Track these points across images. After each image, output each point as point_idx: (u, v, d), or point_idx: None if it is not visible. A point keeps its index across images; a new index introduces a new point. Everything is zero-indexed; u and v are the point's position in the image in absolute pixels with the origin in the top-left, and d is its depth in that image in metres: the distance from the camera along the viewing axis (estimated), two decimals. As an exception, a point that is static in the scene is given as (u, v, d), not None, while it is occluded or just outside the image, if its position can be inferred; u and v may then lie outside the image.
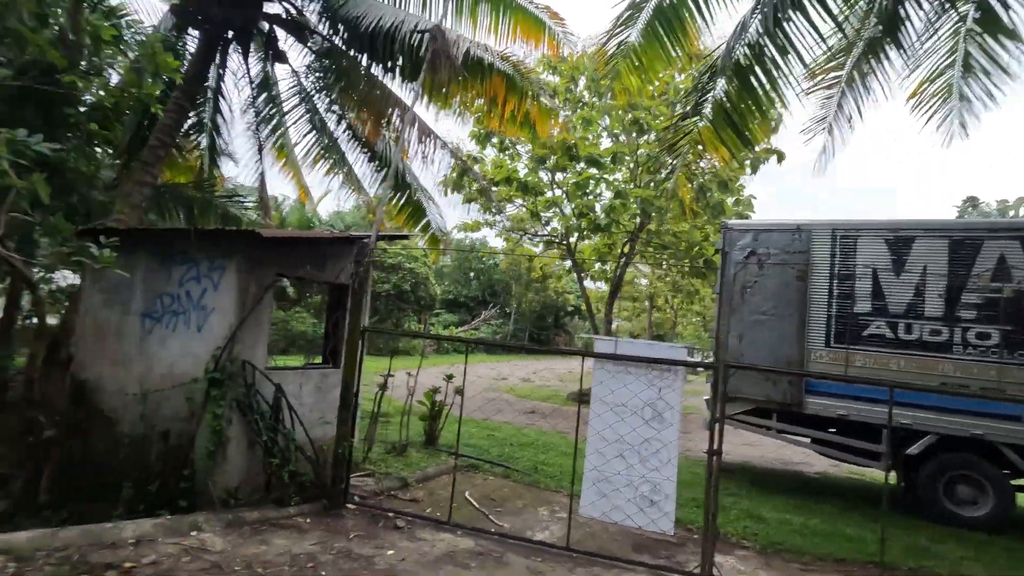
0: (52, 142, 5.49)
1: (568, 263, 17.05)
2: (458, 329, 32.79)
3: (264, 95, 10.22)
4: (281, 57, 9.26)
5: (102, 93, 4.89)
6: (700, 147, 6.99)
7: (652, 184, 12.80)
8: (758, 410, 7.16)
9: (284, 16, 8.66)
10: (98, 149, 8.93)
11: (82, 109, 6.30)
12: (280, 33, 8.95)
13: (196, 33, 8.47)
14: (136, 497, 4.45)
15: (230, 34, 8.35)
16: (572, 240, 15.77)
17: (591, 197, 14.07)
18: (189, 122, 9.58)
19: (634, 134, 13.19)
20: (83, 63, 6.22)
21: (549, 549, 4.40)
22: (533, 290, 34.83)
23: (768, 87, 6.04)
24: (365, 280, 4.97)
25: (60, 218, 4.19)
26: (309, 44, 9.10)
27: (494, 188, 14.33)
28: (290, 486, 4.67)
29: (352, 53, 8.67)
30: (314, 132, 9.91)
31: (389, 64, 8.30)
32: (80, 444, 4.99)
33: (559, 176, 14.45)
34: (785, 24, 5.53)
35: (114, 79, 6.73)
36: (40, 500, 5.02)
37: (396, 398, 7.99)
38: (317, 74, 9.58)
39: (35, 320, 6.59)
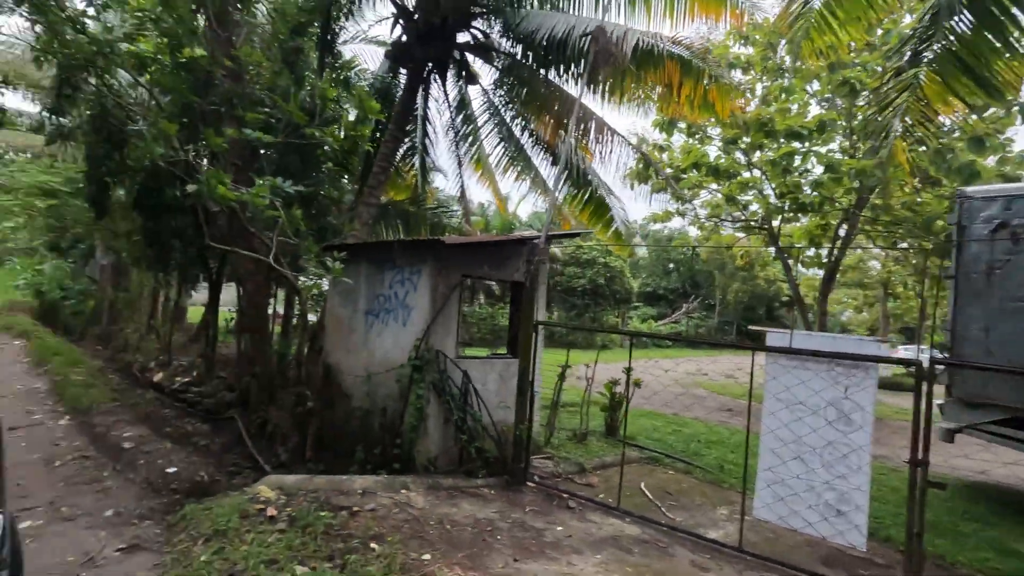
0: (308, 180, 7.10)
1: (772, 249, 15.46)
2: (657, 323, 32.02)
3: (461, 115, 11.50)
4: (472, 79, 10.34)
5: (332, 139, 6.16)
6: (922, 103, 5.90)
7: (877, 152, 10.91)
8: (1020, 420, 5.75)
9: (472, 42, 9.66)
10: (344, 180, 11.13)
11: (327, 149, 7.99)
12: (470, 57, 10.01)
13: (404, 71, 9.98)
14: (365, 458, 5.57)
15: (429, 66, 9.65)
16: (775, 223, 14.28)
17: (796, 174, 12.58)
18: (405, 147, 11.35)
19: (847, 96, 11.40)
20: (329, 112, 7.87)
21: (720, 548, 4.27)
22: (739, 279, 32.20)
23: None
24: (536, 278, 5.40)
25: (310, 240, 5.46)
26: (495, 63, 9.99)
27: (683, 175, 13.75)
28: (477, 460, 5.34)
29: (531, 64, 9.27)
30: (503, 143, 10.83)
31: (564, 68, 8.70)
32: (330, 414, 6.39)
33: (756, 155, 13.23)
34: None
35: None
36: (307, 455, 6.57)
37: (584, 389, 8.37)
38: (503, 88, 10.45)
39: (300, 318, 8.55)
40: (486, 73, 10.66)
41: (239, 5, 6.29)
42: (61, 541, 3.76)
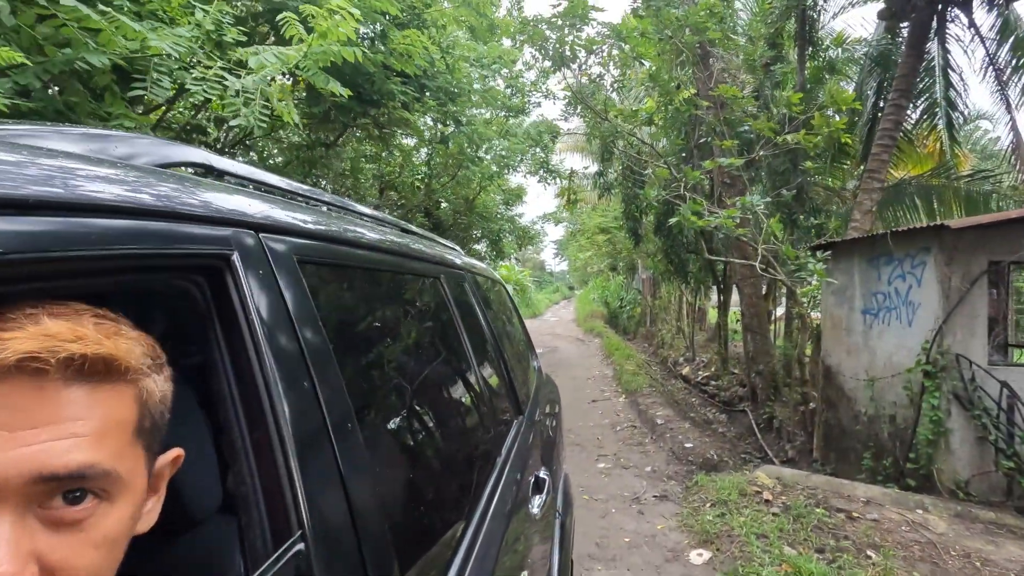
0: (795, 180, 7.28)
1: None
2: None
3: (1007, 43, 8.76)
4: (1016, -8, 7.79)
5: (803, 140, 6.08)
6: None
7: None
8: None
9: (1007, -54, 7.33)
10: (846, 165, 10.53)
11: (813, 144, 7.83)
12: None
13: (905, 25, 8.49)
14: (874, 467, 5.21)
15: (940, 6, 7.89)
16: None
17: None
18: (920, 110, 9.59)
19: None
20: (796, 115, 7.77)
21: None
22: None
23: None
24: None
25: (787, 246, 5.65)
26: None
27: None
28: (1037, 497, 4.14)
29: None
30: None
31: None
32: (833, 415, 6.23)
33: None
34: None
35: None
36: (814, 455, 6.61)
37: None
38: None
39: (799, 318, 8.54)
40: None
41: (713, 46, 7.11)
42: (620, 481, 5.37)
